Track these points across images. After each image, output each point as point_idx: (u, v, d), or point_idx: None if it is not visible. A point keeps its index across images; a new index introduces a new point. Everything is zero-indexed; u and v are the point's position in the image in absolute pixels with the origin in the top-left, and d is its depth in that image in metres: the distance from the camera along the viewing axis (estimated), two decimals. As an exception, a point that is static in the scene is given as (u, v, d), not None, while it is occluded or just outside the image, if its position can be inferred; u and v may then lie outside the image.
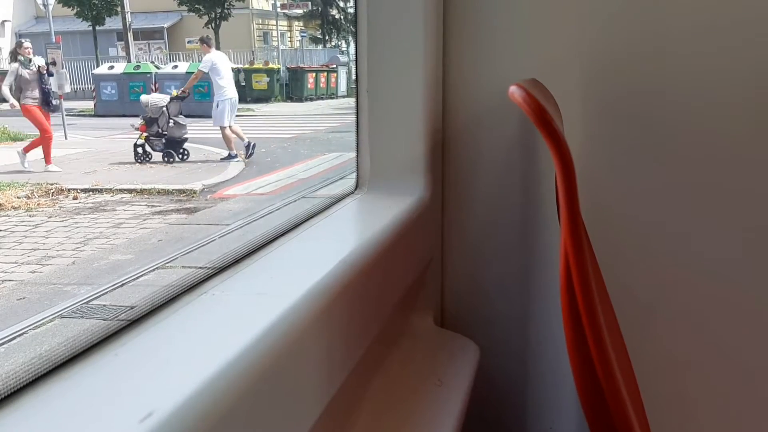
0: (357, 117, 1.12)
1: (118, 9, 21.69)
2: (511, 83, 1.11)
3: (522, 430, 1.22)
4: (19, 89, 9.29)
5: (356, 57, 1.11)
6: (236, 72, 18.32)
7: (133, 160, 9.75)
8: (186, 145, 10.20)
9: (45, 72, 9.38)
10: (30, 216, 6.93)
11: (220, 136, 10.38)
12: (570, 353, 0.58)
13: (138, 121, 9.89)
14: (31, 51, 9.57)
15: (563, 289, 0.56)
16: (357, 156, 1.13)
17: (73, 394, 0.45)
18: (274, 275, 0.73)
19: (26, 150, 9.14)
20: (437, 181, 1.15)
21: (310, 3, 28.04)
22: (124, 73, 16.79)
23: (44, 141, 9.23)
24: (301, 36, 28.74)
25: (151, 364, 0.50)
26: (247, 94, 19.07)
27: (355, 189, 1.13)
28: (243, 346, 0.50)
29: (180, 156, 10.00)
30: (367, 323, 0.82)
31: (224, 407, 0.46)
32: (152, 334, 0.55)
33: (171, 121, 9.86)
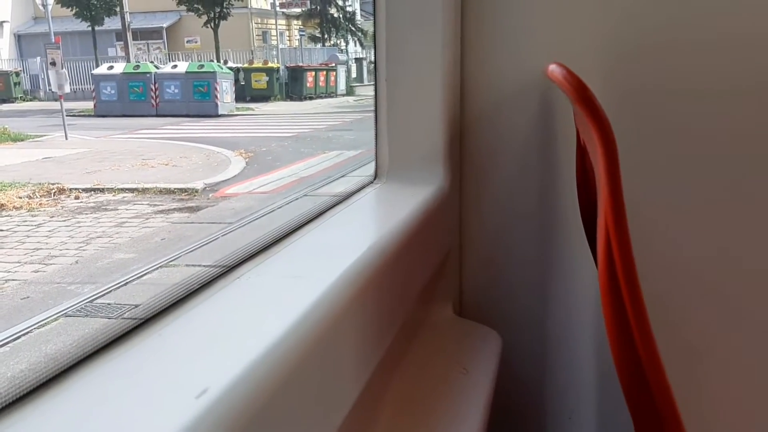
0: (376, 106, 1.11)
1: (117, 9, 21.69)
2: (530, 71, 1.11)
3: (542, 420, 1.22)
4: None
5: (375, 46, 1.10)
6: (236, 71, 18.31)
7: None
8: (187, 144, 10.10)
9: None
10: (32, 216, 6.92)
11: (219, 135, 10.37)
12: (609, 330, 0.58)
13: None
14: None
15: (602, 263, 0.56)
16: (376, 145, 1.12)
17: (124, 371, 0.44)
18: (306, 260, 0.72)
19: None
20: (456, 170, 1.14)
21: (308, 2, 28.02)
22: (124, 73, 16.78)
23: None
24: (300, 35, 28.72)
25: (196, 344, 0.50)
26: (246, 93, 19.06)
27: (374, 179, 1.12)
28: (288, 326, 0.50)
29: None
30: (395, 310, 0.82)
31: (274, 385, 0.45)
32: (192, 315, 0.54)
33: None
